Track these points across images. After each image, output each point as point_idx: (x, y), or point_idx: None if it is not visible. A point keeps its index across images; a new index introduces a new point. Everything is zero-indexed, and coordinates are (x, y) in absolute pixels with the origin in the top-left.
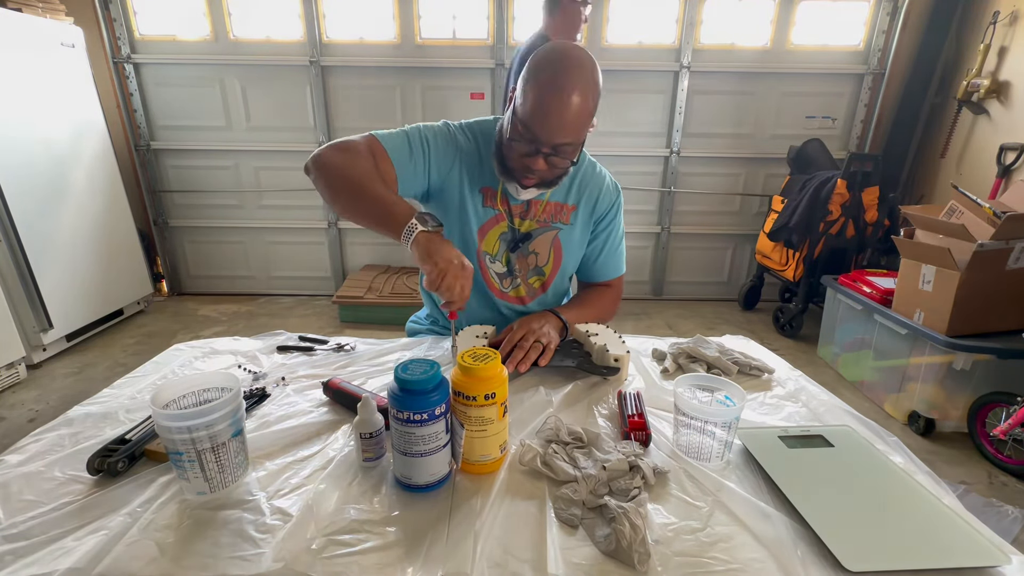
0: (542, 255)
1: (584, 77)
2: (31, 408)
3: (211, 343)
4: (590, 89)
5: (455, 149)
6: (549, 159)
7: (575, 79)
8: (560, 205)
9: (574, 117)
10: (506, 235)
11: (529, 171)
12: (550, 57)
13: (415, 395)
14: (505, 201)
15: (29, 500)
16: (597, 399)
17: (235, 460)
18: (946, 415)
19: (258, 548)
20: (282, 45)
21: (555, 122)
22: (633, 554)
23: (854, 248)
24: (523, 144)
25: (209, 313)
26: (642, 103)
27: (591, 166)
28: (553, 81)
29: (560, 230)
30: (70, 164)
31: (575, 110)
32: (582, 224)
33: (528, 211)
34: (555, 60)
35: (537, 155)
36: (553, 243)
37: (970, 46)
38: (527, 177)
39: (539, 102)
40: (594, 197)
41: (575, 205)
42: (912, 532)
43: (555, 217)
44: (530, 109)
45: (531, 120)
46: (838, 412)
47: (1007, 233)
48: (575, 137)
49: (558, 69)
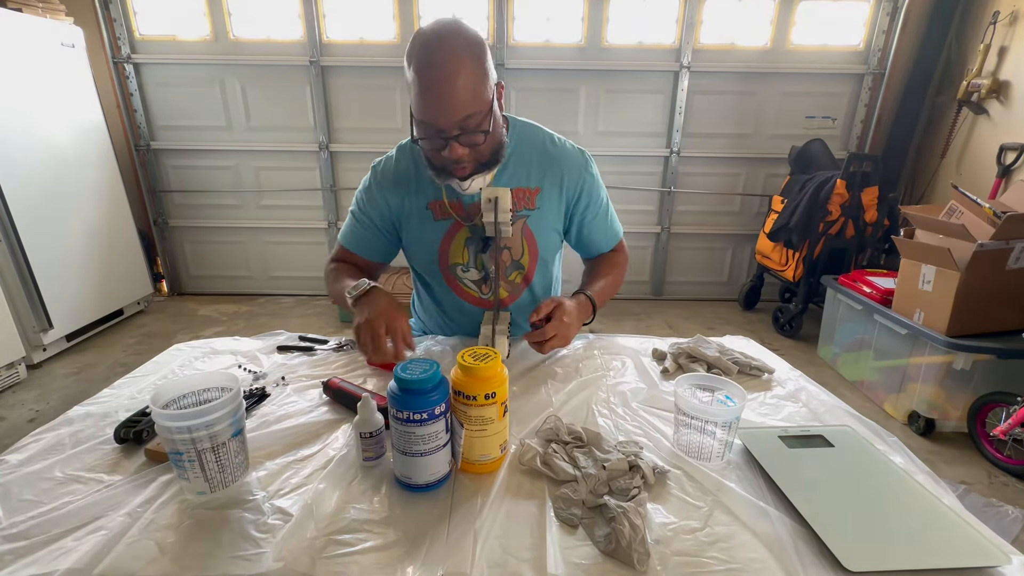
0: (515, 248)
1: (454, 45)
2: (31, 408)
3: (211, 343)
4: (466, 53)
5: (385, 190)
6: (461, 140)
7: (445, 51)
8: (522, 191)
9: (460, 90)
10: (472, 239)
11: (454, 162)
12: (416, 42)
13: (415, 395)
14: (459, 206)
15: (29, 500)
16: (597, 399)
17: (235, 460)
18: (946, 415)
19: (259, 548)
20: (282, 45)
21: (443, 103)
22: (633, 554)
23: (854, 248)
24: (430, 140)
25: (209, 313)
26: (642, 103)
27: (548, 142)
28: (426, 64)
29: (528, 217)
30: (70, 164)
31: (458, 82)
32: (551, 205)
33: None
34: (421, 43)
35: (447, 143)
36: (524, 232)
37: (970, 46)
38: (457, 168)
39: (421, 90)
40: (559, 174)
41: (539, 187)
42: (912, 532)
43: (519, 205)
44: (417, 101)
45: (423, 112)
46: (838, 412)
47: (1007, 233)
48: (472, 108)
49: (425, 49)
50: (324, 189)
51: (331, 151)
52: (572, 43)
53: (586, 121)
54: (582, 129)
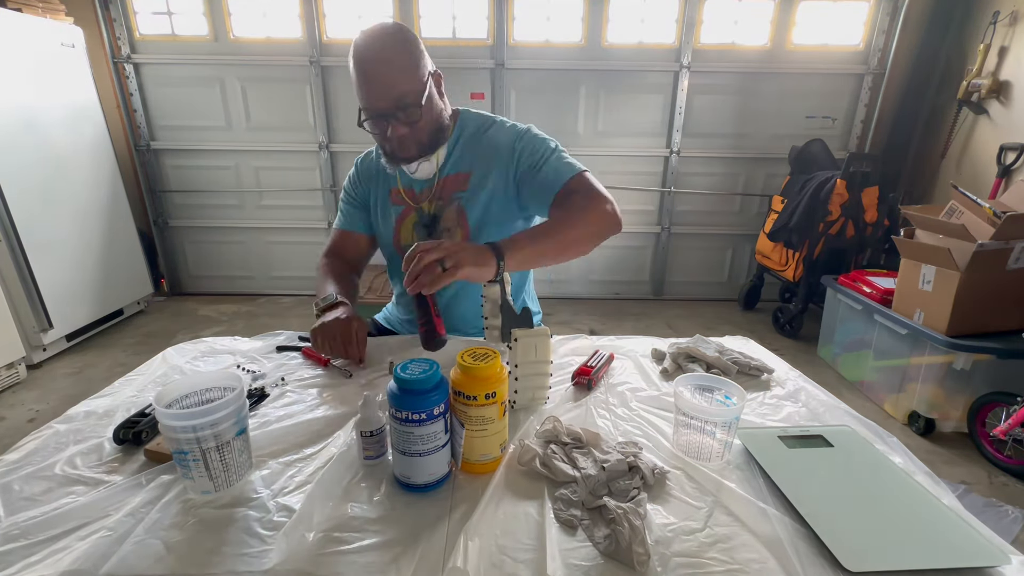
0: (453, 230)
1: (382, 36)
2: (31, 408)
3: (211, 343)
4: (393, 41)
5: (363, 179)
6: (399, 119)
7: (374, 41)
8: (455, 176)
9: (391, 72)
10: (419, 223)
11: (398, 144)
12: (357, 39)
13: (414, 395)
14: (411, 192)
15: (29, 500)
16: (596, 400)
17: (239, 459)
18: (946, 415)
19: (265, 545)
20: (282, 45)
21: (376, 86)
22: (632, 555)
23: (854, 248)
24: (372, 123)
25: (209, 313)
26: (642, 103)
27: (475, 124)
28: (359, 55)
29: (461, 199)
30: (70, 164)
31: (389, 66)
32: (482, 185)
33: (433, 192)
34: (355, 41)
35: (387, 124)
36: (458, 213)
37: (970, 46)
38: (402, 151)
39: (357, 75)
40: (489, 153)
41: (470, 171)
42: (912, 532)
43: (454, 188)
44: (357, 90)
45: (362, 97)
46: (838, 412)
47: (1007, 233)
48: (406, 87)
49: (358, 45)
50: (324, 189)
51: (331, 151)
52: (572, 43)
53: (586, 121)
54: (582, 129)
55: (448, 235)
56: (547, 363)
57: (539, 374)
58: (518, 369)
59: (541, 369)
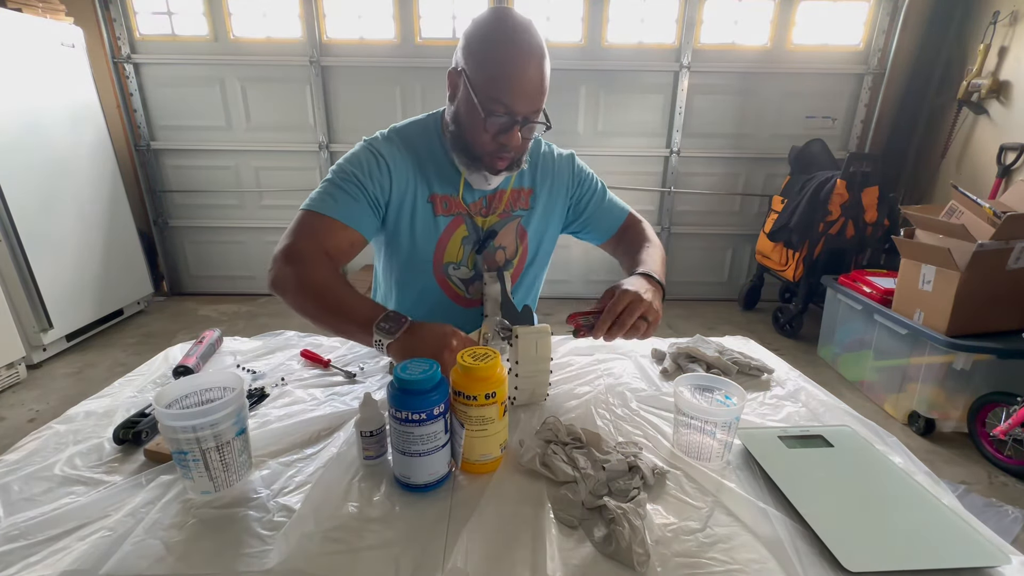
0: (509, 248)
1: (540, 39)
2: (31, 408)
3: None
4: (546, 51)
5: (394, 173)
6: (522, 131)
7: (535, 41)
8: (517, 191)
9: (542, 80)
10: (469, 237)
11: (504, 149)
12: (502, 26)
13: (414, 395)
14: (456, 202)
15: (29, 500)
16: (596, 400)
17: (239, 459)
18: (946, 415)
19: (265, 545)
20: (282, 45)
21: (527, 88)
22: (632, 555)
23: (854, 248)
24: (496, 119)
25: (209, 313)
26: (642, 103)
27: (539, 146)
28: (517, 47)
29: (522, 216)
30: (70, 164)
31: (542, 73)
32: (544, 205)
33: (488, 206)
34: (509, 25)
35: (512, 128)
36: (518, 232)
37: (970, 46)
38: (501, 159)
39: (507, 70)
40: (550, 173)
41: (531, 188)
42: (912, 532)
43: (515, 205)
44: (499, 80)
45: (501, 91)
46: (838, 412)
47: (1007, 233)
48: (544, 100)
49: (516, 34)
50: None
51: (331, 151)
52: (572, 43)
53: (586, 121)
54: (582, 129)
55: (503, 254)
56: (547, 360)
57: (539, 371)
58: (519, 366)
59: (541, 366)
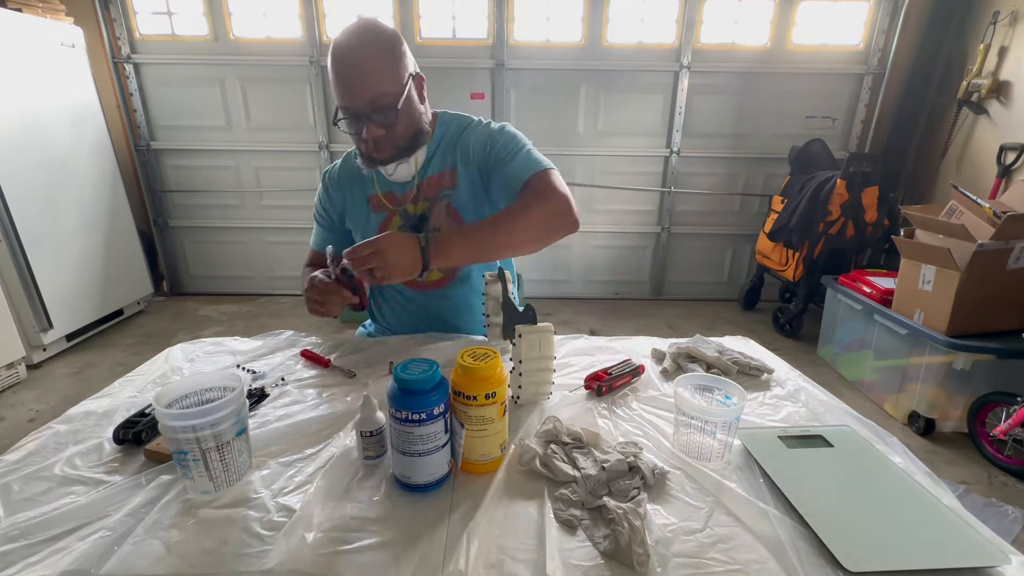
0: (444, 228)
1: (362, 34)
2: (31, 408)
3: (211, 343)
4: (372, 41)
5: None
6: (374, 120)
7: (353, 39)
8: (439, 175)
9: (368, 71)
10: (404, 226)
11: (373, 144)
12: (334, 38)
13: (414, 395)
14: (391, 197)
15: (29, 500)
16: (597, 400)
17: (239, 459)
18: (946, 415)
19: (265, 545)
20: (282, 45)
21: (351, 84)
22: (632, 555)
23: (854, 248)
24: (348, 122)
25: (209, 313)
26: (642, 103)
27: (455, 125)
28: (337, 53)
29: (450, 196)
30: (70, 164)
31: (365, 64)
32: (468, 180)
33: (417, 193)
34: (335, 39)
35: (362, 123)
36: (448, 211)
37: (970, 46)
38: (378, 152)
39: (334, 74)
40: (467, 148)
41: (454, 168)
42: (912, 532)
43: (440, 186)
44: (334, 86)
45: (339, 96)
46: (838, 412)
47: (1007, 233)
48: (384, 87)
49: (337, 43)
50: None
51: (331, 151)
52: (572, 43)
53: (586, 121)
54: (582, 129)
55: None
56: (550, 359)
57: (542, 370)
58: (522, 365)
59: (544, 365)
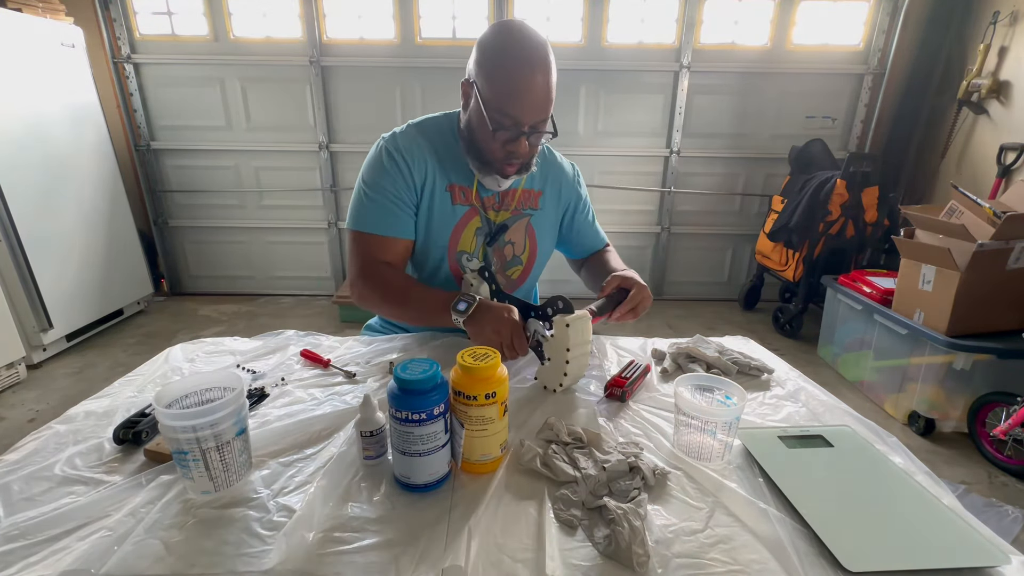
0: (518, 244)
1: (546, 51)
2: (31, 408)
3: (211, 343)
4: (552, 62)
5: (410, 162)
6: (530, 139)
7: (540, 54)
8: (528, 191)
9: (548, 91)
10: (482, 229)
11: (512, 157)
12: (508, 39)
13: (414, 395)
14: (477, 195)
15: (29, 500)
16: (598, 400)
17: (239, 459)
18: (946, 415)
19: (265, 545)
20: (282, 45)
21: (533, 100)
22: (632, 555)
23: (854, 248)
24: (504, 131)
25: (209, 313)
26: (642, 103)
27: (546, 151)
28: (522, 60)
29: (532, 216)
30: (70, 164)
31: (547, 84)
32: (551, 207)
33: (501, 202)
34: (515, 40)
35: (519, 138)
36: (527, 230)
37: (970, 46)
38: (510, 165)
39: (513, 84)
40: (559, 179)
41: (541, 190)
42: (912, 532)
43: (525, 204)
44: (506, 93)
45: (508, 104)
46: (838, 412)
47: (1007, 233)
48: (550, 110)
49: (522, 48)
50: (324, 189)
51: (331, 151)
52: (572, 43)
53: (586, 121)
54: (582, 129)
55: (512, 248)
56: (589, 343)
57: (584, 354)
58: (569, 352)
59: (586, 349)
